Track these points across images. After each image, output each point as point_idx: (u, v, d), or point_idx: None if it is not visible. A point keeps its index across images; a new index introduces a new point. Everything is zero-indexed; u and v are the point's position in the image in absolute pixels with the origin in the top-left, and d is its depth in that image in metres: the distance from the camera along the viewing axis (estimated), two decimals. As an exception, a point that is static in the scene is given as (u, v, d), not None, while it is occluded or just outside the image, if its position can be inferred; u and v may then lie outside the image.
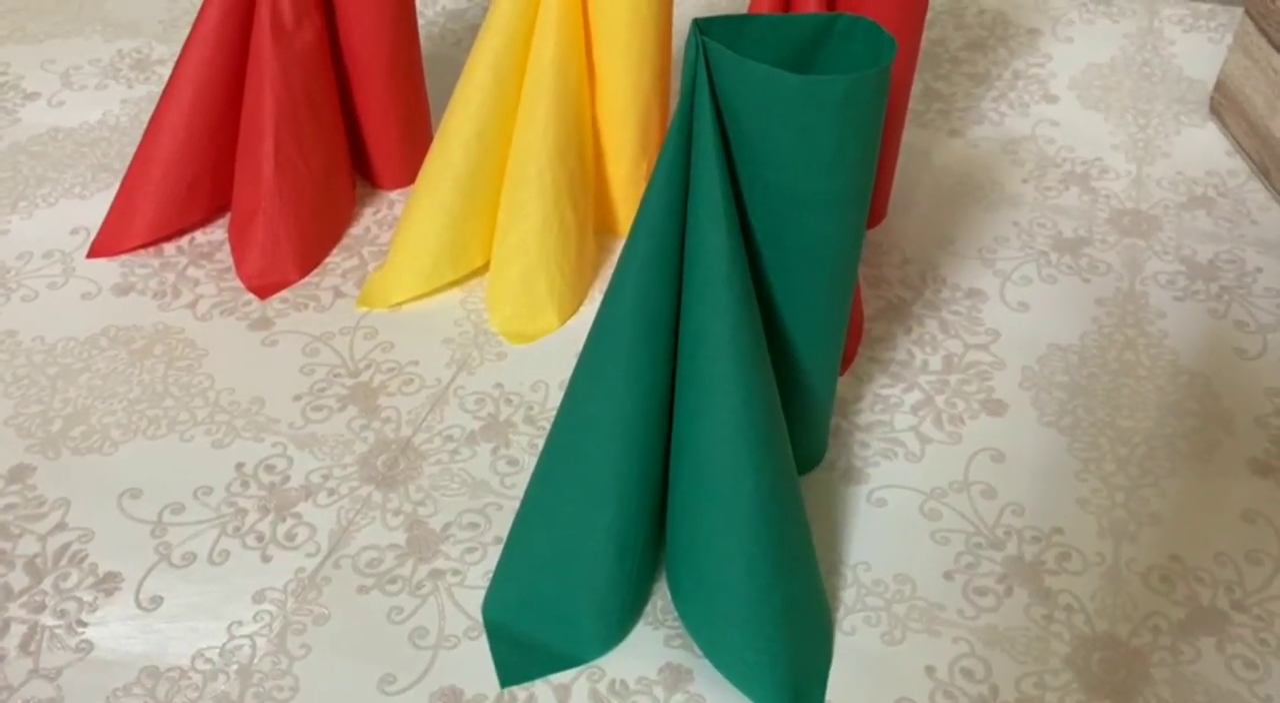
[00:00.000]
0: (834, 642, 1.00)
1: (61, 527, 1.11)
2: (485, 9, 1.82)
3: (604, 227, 1.43)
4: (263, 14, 1.32)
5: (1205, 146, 1.58)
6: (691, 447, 0.95)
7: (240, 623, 1.02)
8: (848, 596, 1.04)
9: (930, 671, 0.99)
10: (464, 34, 1.81)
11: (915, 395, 1.23)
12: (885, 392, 1.23)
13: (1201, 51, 1.76)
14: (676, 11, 1.41)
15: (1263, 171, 1.50)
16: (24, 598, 1.05)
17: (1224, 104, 1.58)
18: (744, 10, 1.15)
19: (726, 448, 0.93)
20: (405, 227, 1.34)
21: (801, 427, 1.08)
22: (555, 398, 1.23)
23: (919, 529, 1.10)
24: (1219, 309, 1.33)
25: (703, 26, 0.91)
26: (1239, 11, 1.79)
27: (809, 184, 0.92)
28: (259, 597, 1.05)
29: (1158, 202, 1.49)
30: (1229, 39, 1.78)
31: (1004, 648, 1.00)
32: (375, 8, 1.37)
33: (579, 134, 1.32)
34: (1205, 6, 1.86)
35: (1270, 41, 1.45)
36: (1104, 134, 1.61)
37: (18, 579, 1.06)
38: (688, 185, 0.94)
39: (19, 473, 1.16)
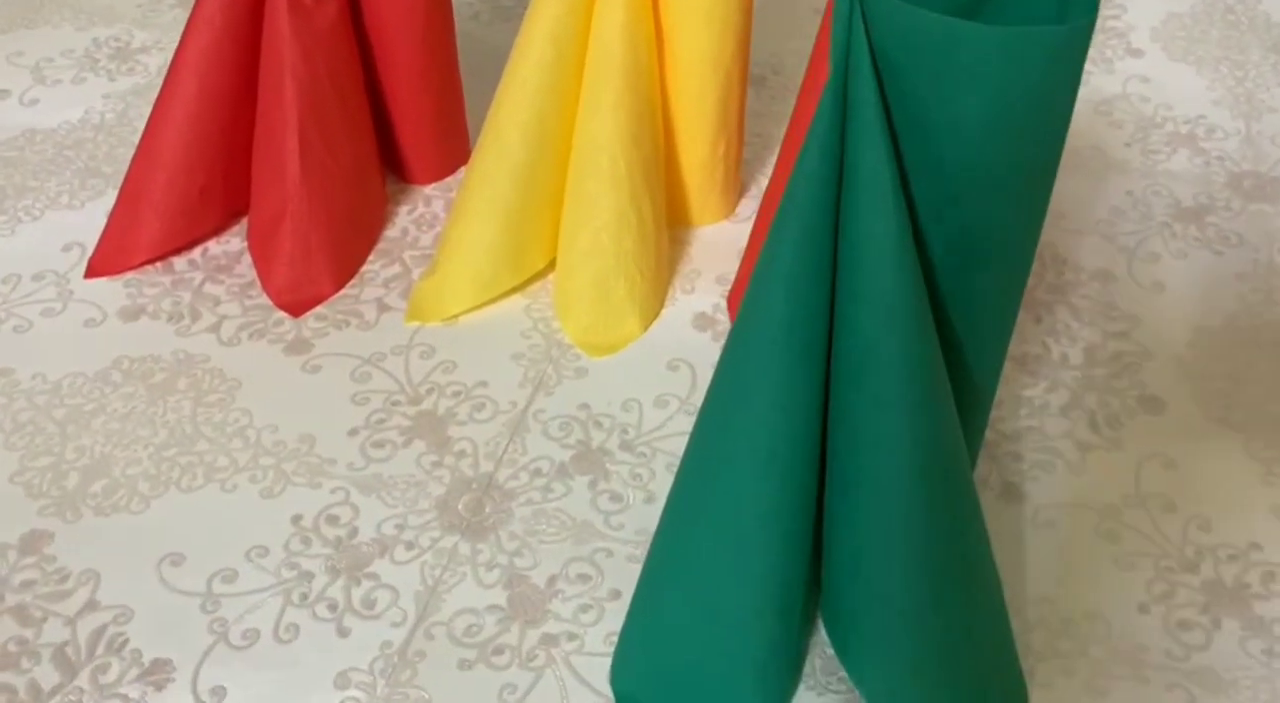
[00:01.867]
0: (1029, 698, 0.86)
1: (93, 606, 0.93)
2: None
3: (675, 219, 1.26)
4: (276, -13, 1.13)
5: (1312, 99, 1.45)
6: (862, 483, 0.80)
7: (323, 714, 0.86)
8: (1035, 640, 0.90)
9: (1148, 727, 0.85)
10: (483, 7, 1.63)
11: (1061, 396, 1.08)
12: (1027, 393, 1.08)
13: (1287, -4, 1.63)
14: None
15: (1389, 124, 1.37)
16: (57, 699, 0.87)
17: (1334, 51, 1.44)
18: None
19: (905, 483, 0.78)
20: (456, 227, 1.17)
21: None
22: (652, 418, 1.07)
23: (1100, 554, 0.95)
24: (1373, 280, 1.20)
25: (858, -25, 0.75)
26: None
27: (999, 158, 0.76)
28: (342, 681, 0.88)
29: (1277, 162, 1.35)
30: (1313, -19, 1.64)
31: (1229, 696, 0.86)
32: (408, -24, 1.19)
33: (651, 115, 1.15)
34: (1281, -53, 1.73)
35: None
36: (1201, 89, 1.47)
37: (46, 676, 0.89)
38: (841, 170, 0.78)
39: (34, 541, 0.98)
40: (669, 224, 1.25)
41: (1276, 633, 0.90)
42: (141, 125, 1.42)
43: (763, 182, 1.33)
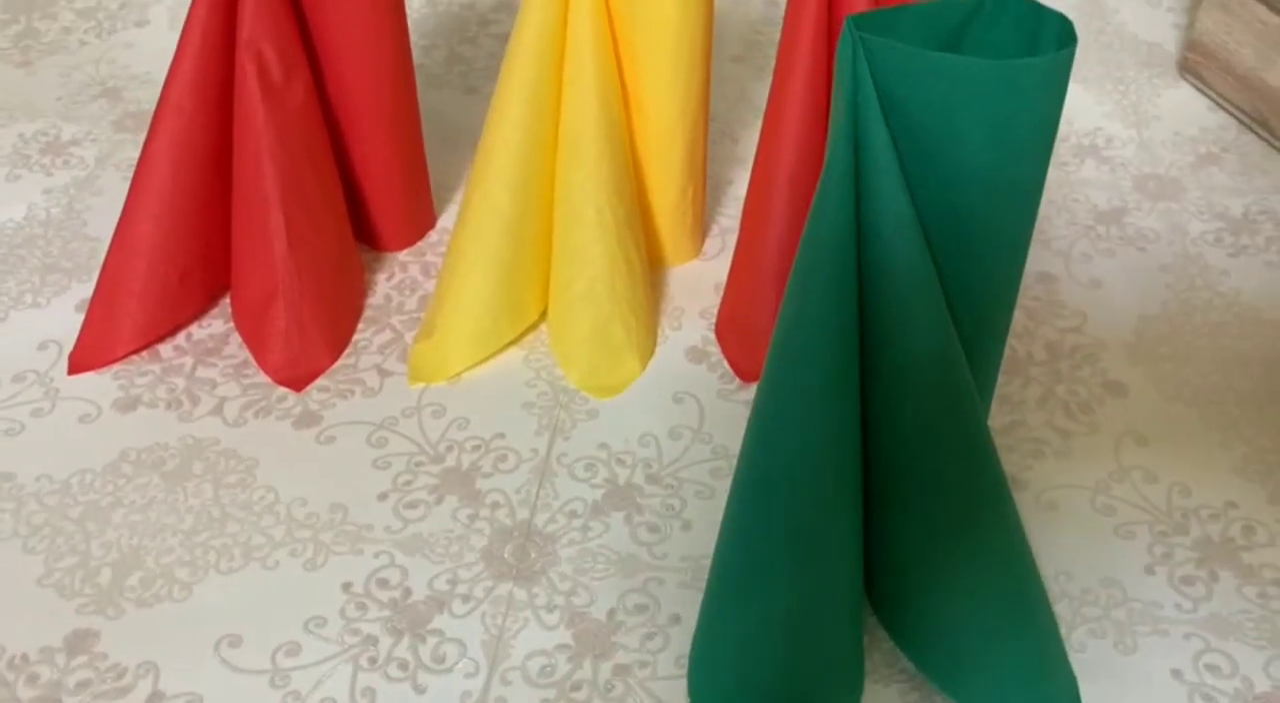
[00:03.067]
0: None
1: (158, 697, 0.92)
2: (439, 8, 1.69)
3: (650, 261, 1.32)
4: (247, 71, 1.15)
5: (1187, 105, 1.61)
6: (908, 475, 0.87)
7: (416, 771, 0.88)
8: (1062, 609, 0.98)
9: (1177, 674, 0.93)
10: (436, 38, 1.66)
11: (1035, 390, 1.18)
12: (1005, 390, 1.18)
13: (1145, 16, 1.80)
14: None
15: (1260, 123, 1.53)
16: (144, 793, 0.86)
17: (1201, 62, 1.61)
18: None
19: (948, 474, 0.86)
20: (451, 286, 1.20)
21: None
22: (670, 450, 1.12)
23: (1101, 527, 1.05)
24: (1275, 260, 1.35)
25: (857, 23, 0.84)
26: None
27: (999, 175, 0.85)
28: (430, 736, 0.90)
29: (1171, 163, 1.50)
30: (1166, 2, 1.83)
31: (1236, 637, 0.96)
32: (373, 47, 1.22)
33: (627, 166, 1.21)
34: (1134, -27, 1.91)
35: (1253, -5, 1.49)
36: (1091, 104, 1.62)
37: (127, 772, 0.88)
38: (858, 199, 0.86)
39: (80, 641, 0.96)
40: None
41: (1266, 577, 1.01)
42: (90, 218, 1.42)
43: (722, 221, 1.41)
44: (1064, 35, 0.84)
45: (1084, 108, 1.60)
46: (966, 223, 0.88)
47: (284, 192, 1.17)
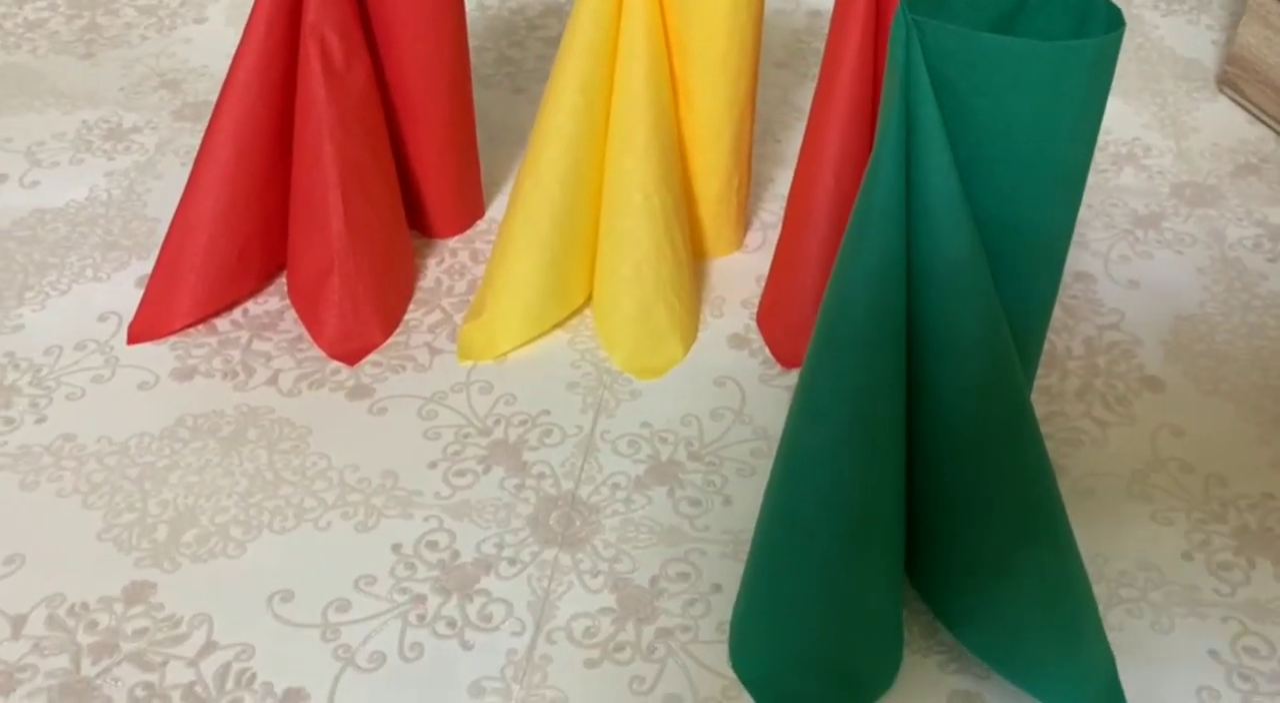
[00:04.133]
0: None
1: (212, 646, 0.95)
2: (489, 12, 1.74)
3: (693, 251, 1.35)
4: (310, 55, 1.19)
5: (1225, 118, 1.63)
6: (950, 455, 0.89)
7: (463, 722, 0.89)
8: (1099, 590, 0.99)
9: (1214, 654, 0.94)
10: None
11: (1073, 382, 1.20)
12: (1044, 382, 1.20)
13: (1184, 32, 1.83)
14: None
15: (1299, 134, 1.55)
16: (198, 734, 0.89)
17: (1240, 76, 1.63)
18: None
19: (992, 451, 0.88)
20: (501, 269, 1.23)
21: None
22: (711, 430, 1.15)
23: (1138, 513, 1.06)
24: (1313, 266, 1.36)
25: (911, 5, 0.87)
26: (1211, -7, 1.87)
27: (1046, 157, 0.88)
28: (476, 690, 0.92)
29: (1209, 172, 1.52)
30: (1205, 19, 1.85)
31: (1275, 621, 0.97)
32: (433, 39, 1.26)
33: (675, 154, 1.24)
34: (1172, -8, 1.94)
35: (1293, 8, 1.51)
36: (1130, 115, 1.64)
37: (182, 714, 0.90)
38: (908, 179, 0.88)
39: (138, 592, 0.99)
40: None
41: (1304, 565, 1.02)
42: (149, 199, 1.46)
43: (764, 216, 1.43)
44: (1112, 20, 0.86)
45: (1123, 119, 1.63)
46: (1014, 204, 0.90)
47: (343, 172, 1.21)
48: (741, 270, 1.36)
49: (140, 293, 1.27)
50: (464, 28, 1.31)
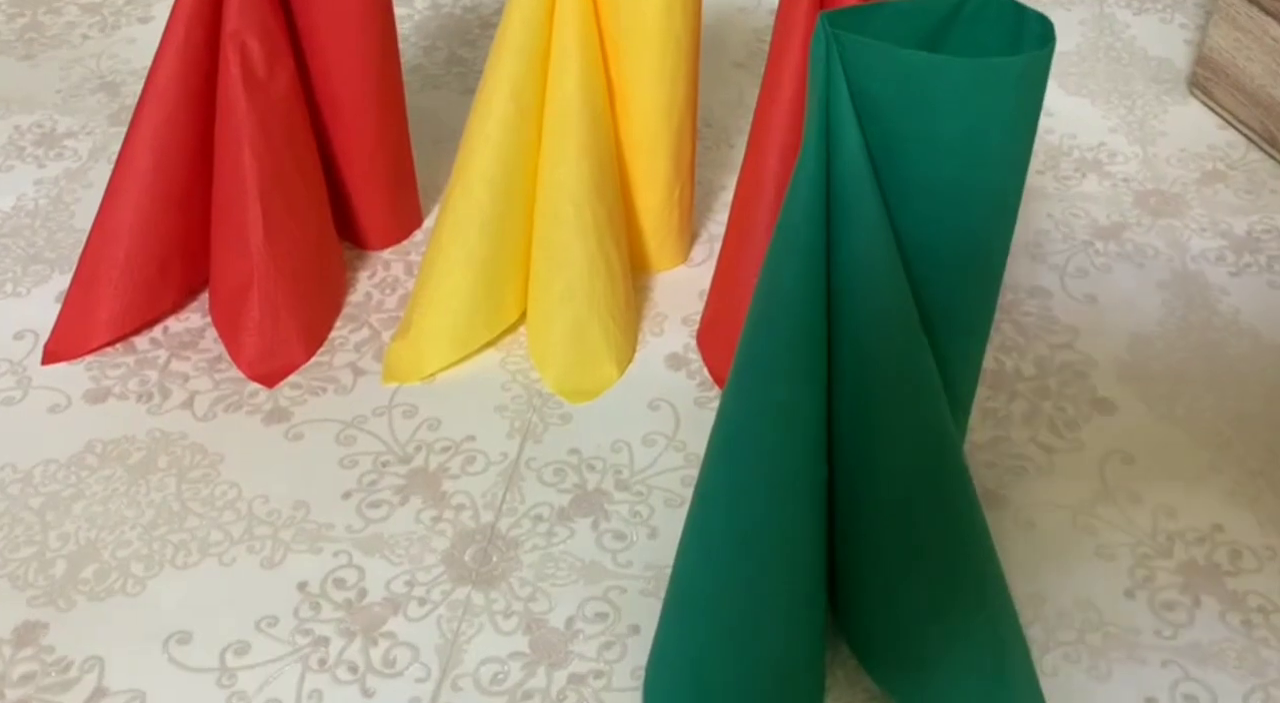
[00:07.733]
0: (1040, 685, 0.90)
1: (101, 693, 0.91)
2: (442, 10, 1.68)
3: (634, 265, 1.30)
4: (230, 62, 1.14)
5: (1195, 122, 1.57)
6: (873, 496, 0.84)
7: (359, 776, 0.85)
8: (1035, 633, 0.95)
9: (1152, 702, 0.90)
10: (411, 77, 1.66)
11: (1021, 405, 1.15)
12: (990, 405, 1.15)
13: (1157, 32, 1.77)
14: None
15: (1269, 140, 1.49)
16: (79, 790, 0.85)
17: (1211, 78, 1.57)
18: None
19: (913, 491, 0.83)
20: (429, 285, 1.19)
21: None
22: (642, 457, 1.10)
23: (1081, 547, 1.01)
24: (1278, 280, 1.31)
25: (831, 20, 0.81)
26: (1184, -10, 1.81)
27: (973, 179, 0.83)
28: (375, 741, 0.88)
29: (1175, 180, 1.47)
30: (1178, 18, 1.80)
31: (1217, 666, 0.92)
32: (359, 43, 1.21)
33: (610, 165, 1.19)
34: (1147, -12, 1.88)
35: (1264, 10, 1.45)
36: (1097, 118, 1.58)
37: (64, 767, 0.86)
38: (828, 202, 0.83)
39: (28, 633, 0.95)
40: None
41: (1250, 605, 0.97)
42: (78, 209, 1.41)
43: (711, 227, 1.38)
44: (1045, 35, 0.81)
45: (1089, 123, 1.57)
46: (940, 229, 0.85)
47: (263, 181, 1.16)
48: (685, 285, 1.31)
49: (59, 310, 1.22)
50: (393, 29, 1.25)
